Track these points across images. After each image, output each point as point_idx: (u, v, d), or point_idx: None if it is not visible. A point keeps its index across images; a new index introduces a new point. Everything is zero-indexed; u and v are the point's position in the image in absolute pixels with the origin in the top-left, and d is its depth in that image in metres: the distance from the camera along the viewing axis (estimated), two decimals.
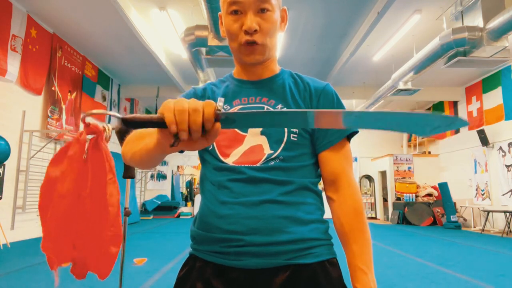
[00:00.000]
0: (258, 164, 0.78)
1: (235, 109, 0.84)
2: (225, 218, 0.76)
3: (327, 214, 0.78)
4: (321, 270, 0.75)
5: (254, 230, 0.74)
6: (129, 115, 0.52)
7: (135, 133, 0.71)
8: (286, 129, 0.81)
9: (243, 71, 0.90)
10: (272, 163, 0.78)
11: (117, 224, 0.78)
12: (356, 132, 0.84)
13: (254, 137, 0.81)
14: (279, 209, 0.76)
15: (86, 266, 0.72)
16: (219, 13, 0.87)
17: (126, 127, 0.53)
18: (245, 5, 0.78)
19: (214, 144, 0.81)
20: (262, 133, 0.81)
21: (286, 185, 0.77)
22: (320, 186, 0.85)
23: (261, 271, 0.73)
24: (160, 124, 0.52)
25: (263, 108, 0.84)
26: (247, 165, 0.78)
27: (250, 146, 0.80)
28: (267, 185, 0.76)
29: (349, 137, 0.84)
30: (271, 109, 0.83)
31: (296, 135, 0.81)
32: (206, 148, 0.83)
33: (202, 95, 0.90)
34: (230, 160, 0.80)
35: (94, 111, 0.59)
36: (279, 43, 7.03)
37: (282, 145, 0.79)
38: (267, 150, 0.80)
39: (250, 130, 0.82)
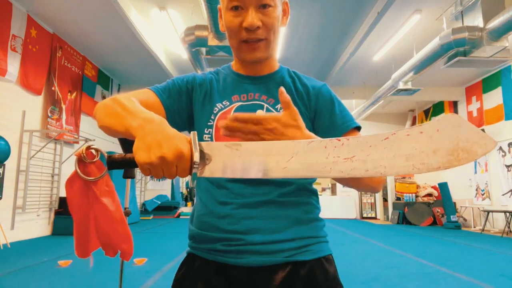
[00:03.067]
0: None
1: (235, 106, 0.83)
2: (225, 218, 0.76)
3: (324, 213, 0.78)
4: (318, 266, 0.76)
5: (255, 230, 0.74)
6: (110, 158, 0.58)
7: (114, 107, 0.66)
8: None
9: (242, 66, 0.88)
10: None
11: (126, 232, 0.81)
12: (359, 127, 0.83)
13: None
14: (279, 210, 0.76)
15: (113, 247, 0.79)
16: (218, 6, 0.84)
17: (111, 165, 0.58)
18: (246, 1, 0.76)
19: (214, 140, 0.81)
20: None
21: (286, 186, 0.77)
22: (319, 186, 0.86)
23: (261, 268, 0.73)
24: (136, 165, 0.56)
25: (262, 106, 0.83)
26: None
27: None
28: (267, 187, 0.76)
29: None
30: (271, 108, 0.83)
31: None
32: None
33: (200, 84, 0.87)
34: None
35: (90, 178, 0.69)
36: (279, 44, 7.02)
37: None
38: None
39: None
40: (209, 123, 0.82)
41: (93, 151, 0.66)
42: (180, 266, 0.83)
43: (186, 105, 0.86)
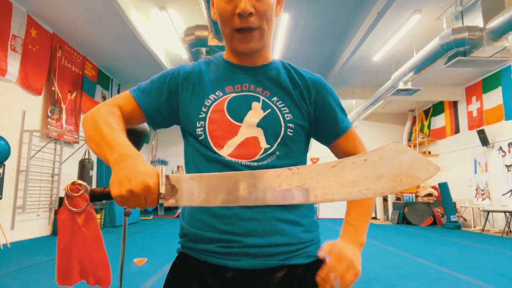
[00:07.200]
0: (254, 159, 0.76)
1: (228, 97, 0.80)
2: (221, 218, 0.74)
3: (324, 213, 0.78)
4: (315, 269, 0.75)
5: (252, 232, 0.73)
6: (92, 191, 0.66)
7: (94, 134, 0.72)
8: (282, 123, 0.78)
9: (235, 56, 0.85)
10: (268, 160, 0.76)
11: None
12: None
13: (249, 129, 0.77)
14: (276, 211, 0.75)
15: (92, 275, 0.85)
16: None
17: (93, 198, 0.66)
18: None
19: (207, 133, 0.78)
20: (258, 125, 0.78)
21: None
22: None
23: (257, 271, 0.73)
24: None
25: (258, 98, 0.80)
26: (242, 159, 0.75)
27: (246, 137, 0.77)
28: None
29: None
30: (267, 101, 0.80)
31: (292, 130, 0.79)
32: (196, 137, 0.79)
33: (185, 77, 0.83)
34: (224, 152, 0.76)
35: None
36: (279, 44, 7.03)
37: (279, 139, 0.77)
38: (263, 144, 0.77)
39: (245, 120, 0.78)
40: (200, 116, 0.79)
41: (78, 186, 0.75)
42: (172, 267, 0.81)
43: (168, 103, 0.82)
